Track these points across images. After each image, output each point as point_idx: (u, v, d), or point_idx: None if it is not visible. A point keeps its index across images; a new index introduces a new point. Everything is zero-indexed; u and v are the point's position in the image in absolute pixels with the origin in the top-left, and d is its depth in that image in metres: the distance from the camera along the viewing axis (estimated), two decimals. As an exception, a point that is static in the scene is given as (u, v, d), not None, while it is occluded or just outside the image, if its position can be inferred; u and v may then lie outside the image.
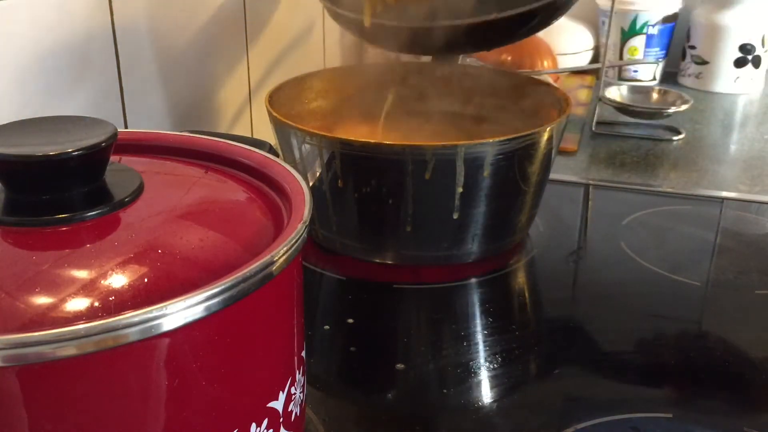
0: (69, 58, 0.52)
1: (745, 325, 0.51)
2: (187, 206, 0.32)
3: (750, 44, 1.05)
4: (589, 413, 0.41)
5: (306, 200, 0.31)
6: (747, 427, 0.41)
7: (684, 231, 0.65)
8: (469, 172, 0.51)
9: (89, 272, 0.26)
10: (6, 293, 0.25)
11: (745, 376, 0.45)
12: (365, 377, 0.46)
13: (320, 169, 0.54)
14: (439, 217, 0.54)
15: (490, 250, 0.57)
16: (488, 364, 0.46)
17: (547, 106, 0.63)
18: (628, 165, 0.80)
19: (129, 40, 0.58)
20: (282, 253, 0.27)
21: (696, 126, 0.93)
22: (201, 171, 0.36)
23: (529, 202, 0.57)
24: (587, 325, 0.51)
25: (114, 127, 0.30)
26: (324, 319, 0.52)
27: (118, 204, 0.29)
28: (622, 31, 1.08)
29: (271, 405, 0.29)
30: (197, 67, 0.68)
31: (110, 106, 0.57)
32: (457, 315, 0.52)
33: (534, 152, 0.54)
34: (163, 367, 0.25)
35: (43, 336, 0.22)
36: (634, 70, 1.10)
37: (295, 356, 0.32)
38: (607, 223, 0.66)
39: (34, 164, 0.28)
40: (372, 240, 0.56)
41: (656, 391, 0.44)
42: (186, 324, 0.24)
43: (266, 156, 0.36)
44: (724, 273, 0.57)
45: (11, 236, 0.28)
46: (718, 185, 0.75)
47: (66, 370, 0.23)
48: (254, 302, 0.27)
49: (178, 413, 0.26)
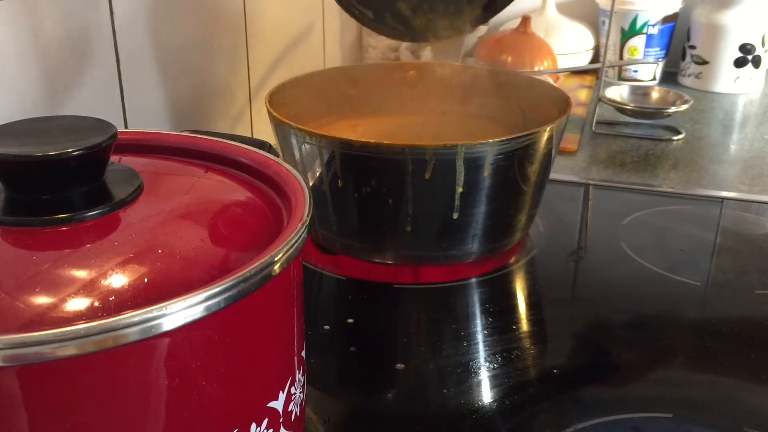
0: (69, 58, 0.52)
1: (745, 325, 0.51)
2: (187, 206, 0.32)
3: (750, 44, 1.05)
4: (589, 413, 0.41)
5: (306, 200, 0.31)
6: (747, 426, 0.41)
7: (684, 231, 0.65)
8: (469, 172, 0.51)
9: (89, 272, 0.26)
10: (6, 293, 0.25)
11: (745, 377, 0.45)
12: (365, 377, 0.46)
13: (320, 169, 0.54)
14: (439, 217, 0.54)
15: (490, 250, 0.57)
16: (488, 364, 0.46)
17: (547, 106, 0.63)
18: (628, 165, 0.80)
19: (129, 40, 0.58)
20: (282, 253, 0.27)
21: (696, 126, 0.93)
22: (201, 171, 0.36)
23: (529, 202, 0.57)
24: (587, 325, 0.51)
25: (114, 127, 0.30)
26: (324, 319, 0.52)
27: (118, 204, 0.29)
28: (622, 31, 1.08)
29: (271, 405, 0.29)
30: (197, 67, 0.68)
31: (110, 106, 0.57)
32: (457, 315, 0.52)
33: (534, 152, 0.54)
34: (163, 367, 0.25)
35: (43, 336, 0.22)
36: (634, 70, 1.10)
37: (295, 356, 0.32)
38: (607, 223, 0.66)
39: (34, 164, 0.28)
40: (372, 240, 0.56)
41: (656, 391, 0.44)
42: (186, 324, 0.24)
43: (266, 156, 0.36)
44: (724, 273, 0.57)
45: (11, 236, 0.28)
46: (718, 185, 0.75)
47: (66, 370, 0.23)
48: (254, 302, 0.27)
49: (178, 413, 0.26)
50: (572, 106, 0.59)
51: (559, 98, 0.61)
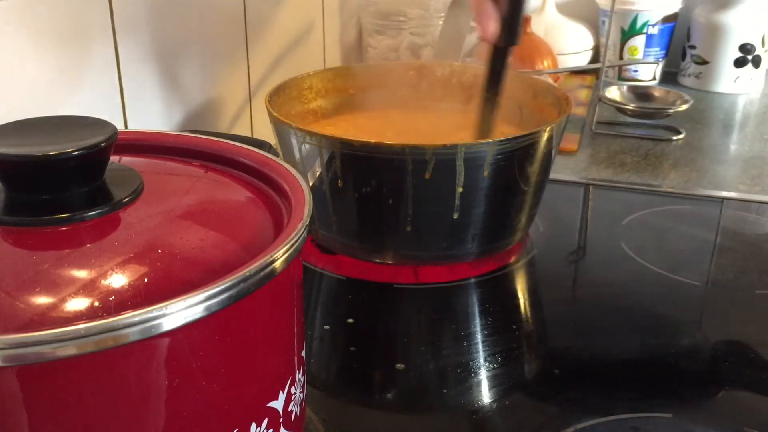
0: (69, 58, 0.52)
1: (745, 325, 0.51)
2: (187, 206, 0.32)
3: (750, 44, 1.05)
4: (589, 413, 0.41)
5: (306, 200, 0.31)
6: (747, 427, 0.41)
7: (684, 231, 0.65)
8: (469, 172, 0.51)
9: (89, 272, 0.26)
10: (6, 293, 0.25)
11: (745, 376, 0.45)
12: (365, 377, 0.46)
13: (320, 169, 0.54)
14: (439, 217, 0.54)
15: (491, 250, 0.57)
16: (488, 364, 0.46)
17: (547, 106, 0.63)
18: (628, 165, 0.80)
19: (129, 40, 0.58)
20: (282, 253, 0.27)
21: (696, 126, 0.93)
22: (201, 171, 0.36)
23: (529, 202, 0.57)
24: (587, 325, 0.51)
25: (114, 127, 0.30)
26: (324, 319, 0.52)
27: (118, 204, 0.29)
28: (622, 30, 1.08)
29: (271, 405, 0.29)
30: (197, 67, 0.68)
31: (110, 106, 0.57)
32: (457, 315, 0.52)
33: (534, 152, 0.54)
34: (163, 367, 0.25)
35: (43, 336, 0.22)
36: (634, 70, 1.10)
37: (295, 356, 0.32)
38: (607, 223, 0.66)
39: (34, 164, 0.28)
40: (372, 240, 0.56)
41: (656, 391, 0.44)
42: (186, 324, 0.24)
43: (266, 156, 0.36)
44: (724, 273, 0.57)
45: (11, 236, 0.28)
46: (718, 185, 0.75)
47: (66, 370, 0.23)
48: (254, 302, 0.27)
49: (178, 413, 0.26)
50: (572, 106, 0.59)
51: (559, 98, 0.61)
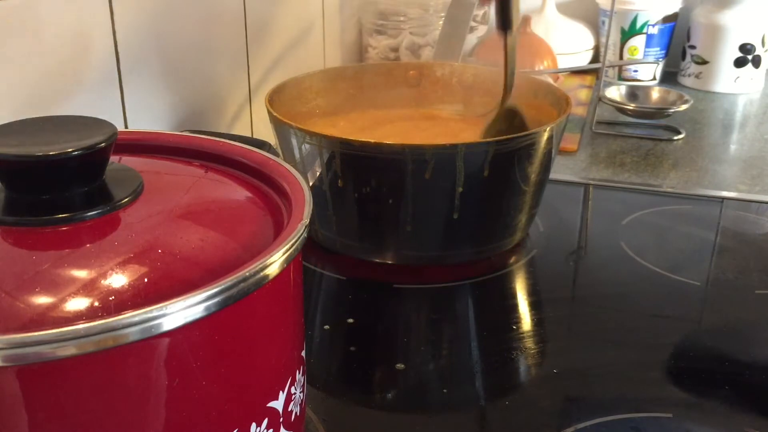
0: (69, 58, 0.52)
1: (745, 325, 0.51)
2: (187, 206, 0.32)
3: (750, 44, 1.05)
4: (589, 413, 0.41)
5: (306, 200, 0.31)
6: (747, 427, 0.41)
7: (684, 231, 0.65)
8: (469, 172, 0.51)
9: (89, 272, 0.26)
10: (6, 293, 0.25)
11: (745, 376, 0.45)
12: (365, 377, 0.46)
13: (320, 169, 0.54)
14: (440, 217, 0.54)
15: (491, 250, 0.57)
16: (488, 364, 0.46)
17: (547, 106, 0.63)
18: (628, 165, 0.80)
19: (129, 40, 0.58)
20: (282, 253, 0.27)
21: (696, 126, 0.93)
22: (201, 171, 0.36)
23: (529, 202, 0.57)
24: (587, 325, 0.51)
25: (114, 127, 0.30)
26: (324, 319, 0.52)
27: (118, 204, 0.29)
28: (622, 30, 1.08)
29: (271, 405, 0.29)
30: (197, 67, 0.68)
31: (110, 106, 0.57)
32: (457, 315, 0.52)
33: (534, 152, 0.54)
34: (163, 367, 0.25)
35: (43, 336, 0.22)
36: (634, 69, 1.10)
37: (295, 356, 0.32)
38: (607, 223, 0.66)
39: (34, 164, 0.28)
40: (372, 240, 0.56)
41: (656, 391, 0.44)
42: (186, 324, 0.24)
43: (266, 156, 0.36)
44: (724, 273, 0.57)
45: (11, 236, 0.28)
46: (718, 185, 0.75)
47: (66, 370, 0.23)
48: (254, 302, 0.27)
49: (178, 413, 0.26)
50: (572, 106, 0.59)
51: (559, 98, 0.61)
